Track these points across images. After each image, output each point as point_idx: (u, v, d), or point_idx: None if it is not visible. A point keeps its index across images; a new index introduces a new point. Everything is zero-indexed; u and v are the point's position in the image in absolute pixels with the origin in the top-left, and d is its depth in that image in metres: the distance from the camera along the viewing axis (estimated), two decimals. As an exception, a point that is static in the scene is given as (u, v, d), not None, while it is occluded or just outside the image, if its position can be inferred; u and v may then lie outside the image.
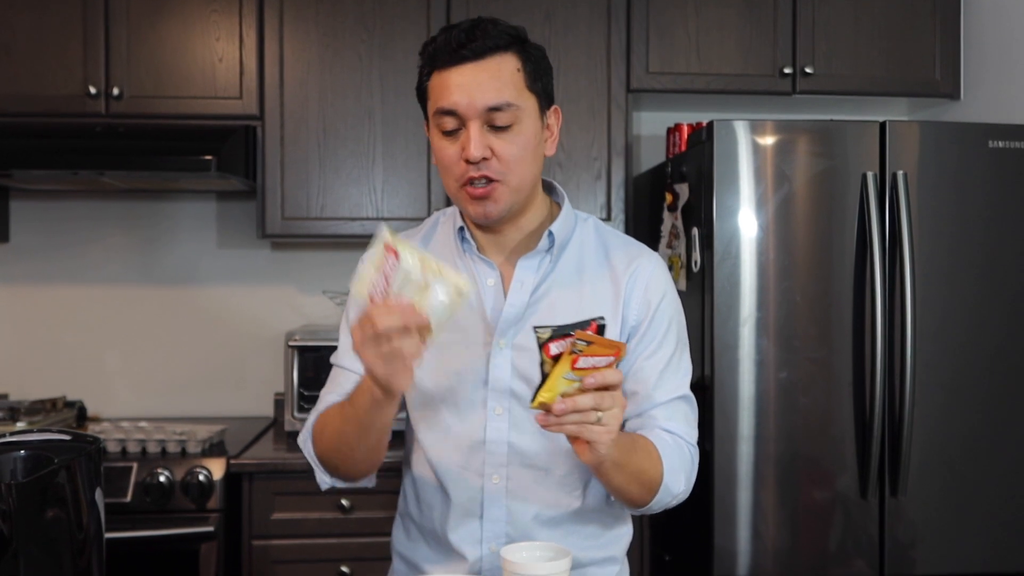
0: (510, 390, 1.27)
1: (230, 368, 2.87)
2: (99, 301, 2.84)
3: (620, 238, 1.39)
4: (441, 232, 1.38)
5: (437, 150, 1.26)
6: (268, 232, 2.55)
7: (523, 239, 1.32)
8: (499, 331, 1.27)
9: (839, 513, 2.09)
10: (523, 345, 1.27)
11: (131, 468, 2.18)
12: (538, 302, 1.29)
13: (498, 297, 1.30)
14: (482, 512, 1.29)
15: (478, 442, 1.28)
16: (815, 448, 2.09)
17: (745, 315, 2.08)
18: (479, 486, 1.28)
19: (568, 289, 1.31)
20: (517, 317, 1.28)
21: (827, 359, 2.09)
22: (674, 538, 2.36)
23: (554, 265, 1.31)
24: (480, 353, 1.28)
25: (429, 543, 1.36)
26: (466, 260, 1.32)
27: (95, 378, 2.82)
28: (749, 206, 2.09)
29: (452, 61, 1.21)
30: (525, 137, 1.23)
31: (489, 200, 1.23)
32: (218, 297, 2.88)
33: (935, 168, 2.11)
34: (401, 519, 1.43)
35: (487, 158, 1.21)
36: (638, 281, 1.32)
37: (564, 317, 1.27)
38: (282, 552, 2.27)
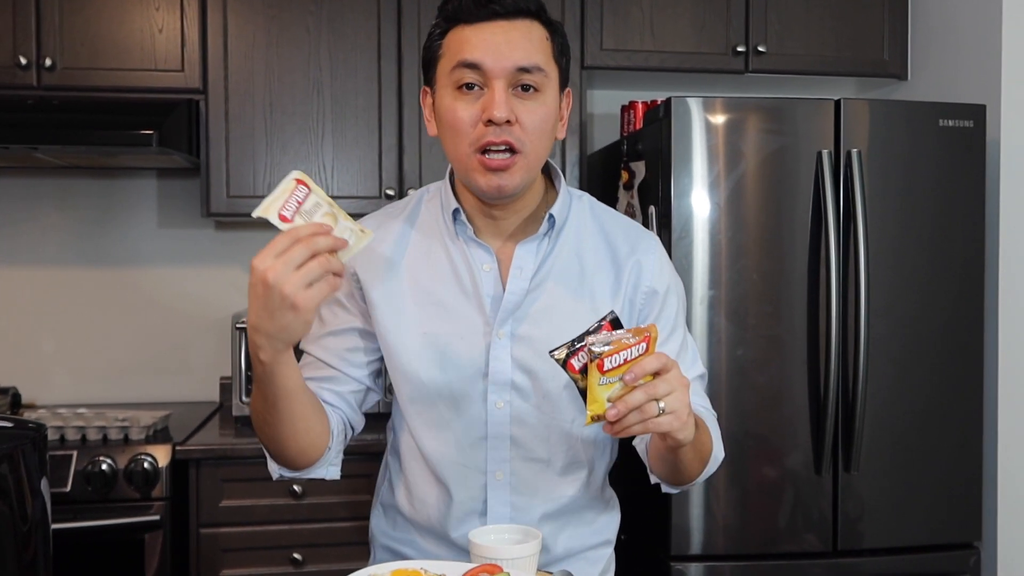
0: (511, 382, 1.22)
1: (174, 352, 2.78)
2: (34, 284, 2.72)
3: (617, 219, 1.33)
4: (427, 212, 1.28)
5: (448, 111, 1.15)
6: (213, 211, 2.47)
7: (520, 223, 1.25)
8: (498, 321, 1.21)
9: (793, 489, 2.11)
10: (523, 335, 1.22)
11: (71, 456, 2.09)
12: (537, 288, 1.24)
13: (496, 284, 1.23)
14: (485, 509, 1.25)
15: (479, 438, 1.23)
16: (769, 425, 2.10)
17: (700, 293, 2.08)
18: (482, 483, 1.24)
19: (568, 273, 1.25)
20: (516, 305, 1.22)
21: (781, 336, 2.10)
22: (630, 518, 2.35)
23: (552, 248, 1.25)
24: (478, 344, 1.22)
25: (426, 537, 1.31)
26: (459, 244, 1.24)
27: (30, 364, 2.70)
28: (705, 184, 2.08)
29: (481, 16, 1.14)
30: (548, 108, 1.17)
31: (505, 173, 1.15)
32: (160, 278, 2.78)
33: (887, 146, 2.13)
34: (384, 509, 1.37)
35: (511, 122, 1.13)
36: (644, 269, 1.27)
37: (564, 303, 1.24)
38: (231, 540, 2.21)
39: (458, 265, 1.24)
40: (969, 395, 2.17)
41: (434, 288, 1.24)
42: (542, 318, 1.23)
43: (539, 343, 1.21)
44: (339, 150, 2.50)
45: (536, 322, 1.22)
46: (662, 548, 2.11)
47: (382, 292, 1.25)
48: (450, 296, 1.24)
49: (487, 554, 1.10)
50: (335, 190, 2.50)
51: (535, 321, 1.22)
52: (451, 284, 1.24)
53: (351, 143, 2.51)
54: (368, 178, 2.51)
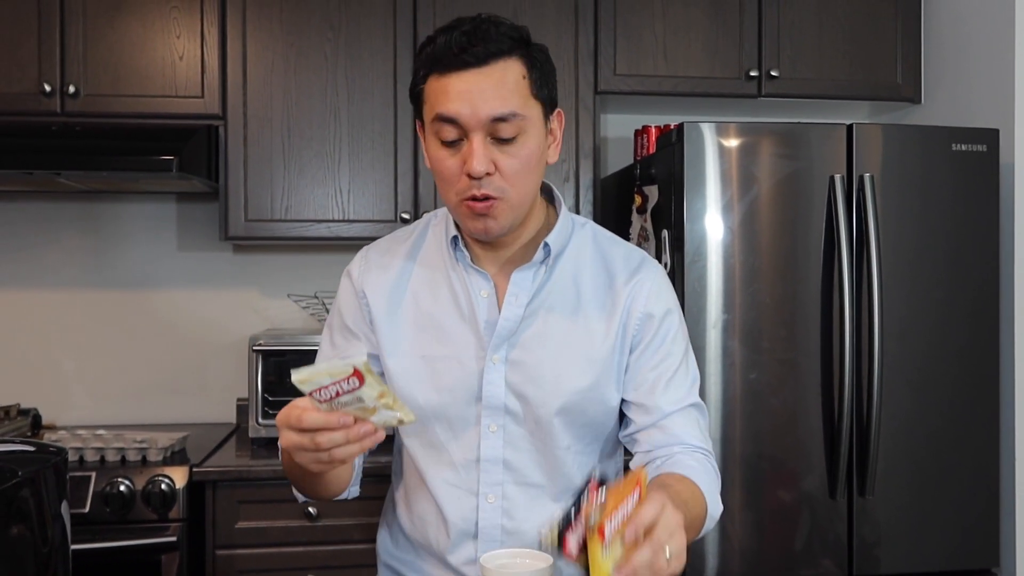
0: (504, 407, 1.24)
1: (191, 373, 2.81)
2: (55, 305, 2.76)
3: (620, 246, 1.33)
4: (432, 237, 1.32)
5: (435, 160, 1.18)
6: (231, 234, 2.50)
7: (519, 249, 1.27)
8: (492, 346, 1.23)
9: (807, 513, 2.10)
10: (517, 360, 1.24)
11: (90, 477, 2.12)
12: (532, 315, 1.25)
13: (492, 310, 1.25)
14: (476, 532, 1.25)
15: (472, 460, 1.25)
16: (783, 449, 2.10)
17: (714, 317, 2.09)
18: (473, 505, 1.25)
19: (564, 300, 1.26)
20: (511, 331, 1.24)
21: (795, 360, 2.10)
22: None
23: (549, 275, 1.26)
24: (473, 369, 1.24)
25: (423, 557, 1.32)
26: (458, 270, 1.27)
27: (50, 385, 2.74)
28: (718, 208, 2.09)
29: (453, 66, 1.12)
30: (529, 149, 1.16)
31: (489, 217, 1.17)
32: (179, 301, 2.81)
33: (900, 171, 2.14)
34: (388, 527, 1.39)
35: (490, 173, 1.14)
36: (639, 295, 1.27)
37: (558, 330, 1.25)
38: (247, 561, 2.22)
39: (457, 290, 1.27)
40: (985, 418, 2.16)
41: (434, 312, 1.27)
42: (535, 344, 1.24)
43: (532, 368, 1.24)
44: (355, 174, 2.53)
45: (529, 348, 1.24)
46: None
47: (385, 315, 1.28)
48: (449, 320, 1.26)
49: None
50: (351, 214, 2.52)
51: (528, 347, 1.24)
52: (450, 308, 1.27)
53: (367, 167, 2.54)
54: (384, 202, 2.54)
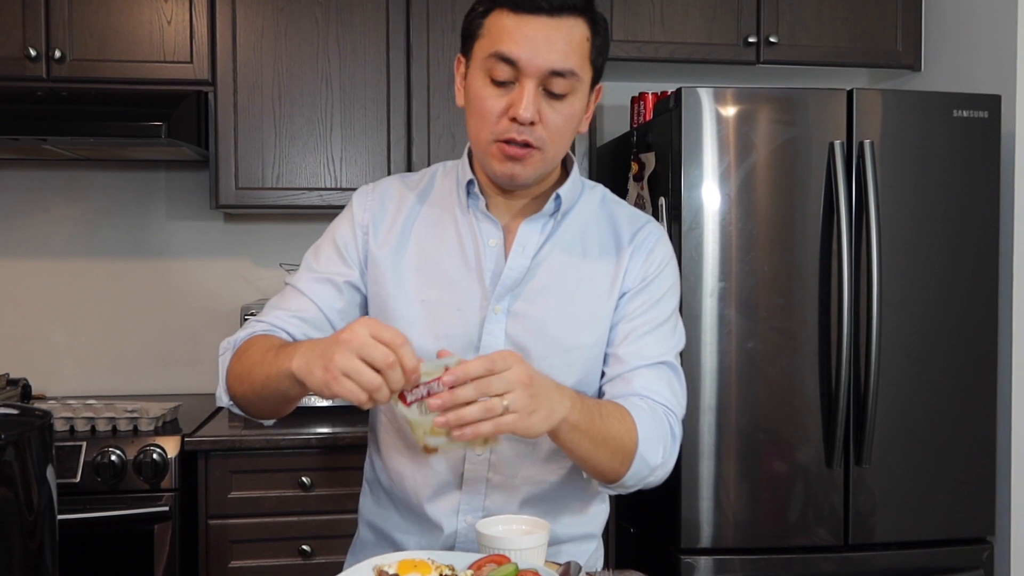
0: None
1: (183, 344, 2.78)
2: (44, 275, 2.73)
3: (627, 209, 1.33)
4: (442, 185, 1.30)
5: (478, 97, 1.16)
6: (222, 203, 2.46)
7: (531, 202, 1.27)
8: (496, 295, 1.22)
9: (804, 483, 2.09)
10: (519, 312, 1.22)
11: (80, 447, 2.09)
12: (538, 267, 1.24)
13: (498, 260, 1.24)
14: (461, 484, 1.24)
15: None
16: (780, 418, 2.09)
17: (711, 285, 2.07)
18: (461, 456, 1.24)
19: (569, 255, 1.26)
20: (516, 282, 1.23)
21: (793, 329, 2.09)
22: (639, 511, 2.35)
23: (556, 229, 1.26)
24: (473, 318, 1.22)
25: (401, 512, 1.31)
26: (469, 217, 1.26)
27: (40, 355, 2.71)
28: (715, 175, 2.06)
29: (526, 8, 1.11)
30: (573, 109, 1.17)
31: (520, 163, 1.16)
32: (169, 271, 2.78)
33: (900, 137, 2.11)
34: (369, 486, 1.38)
35: (534, 123, 1.14)
36: (640, 250, 1.27)
37: (561, 284, 1.24)
38: (240, 531, 2.21)
39: (464, 237, 1.25)
40: (982, 388, 2.15)
41: (438, 258, 1.25)
42: (538, 297, 1.23)
43: (533, 321, 1.22)
44: (348, 142, 2.49)
45: (532, 300, 1.23)
46: (671, 541, 2.10)
47: (388, 254, 1.26)
48: (452, 267, 1.24)
49: (495, 545, 1.09)
50: (343, 182, 2.49)
51: (531, 299, 1.23)
52: (455, 255, 1.25)
53: (359, 135, 2.50)
54: (376, 170, 2.50)
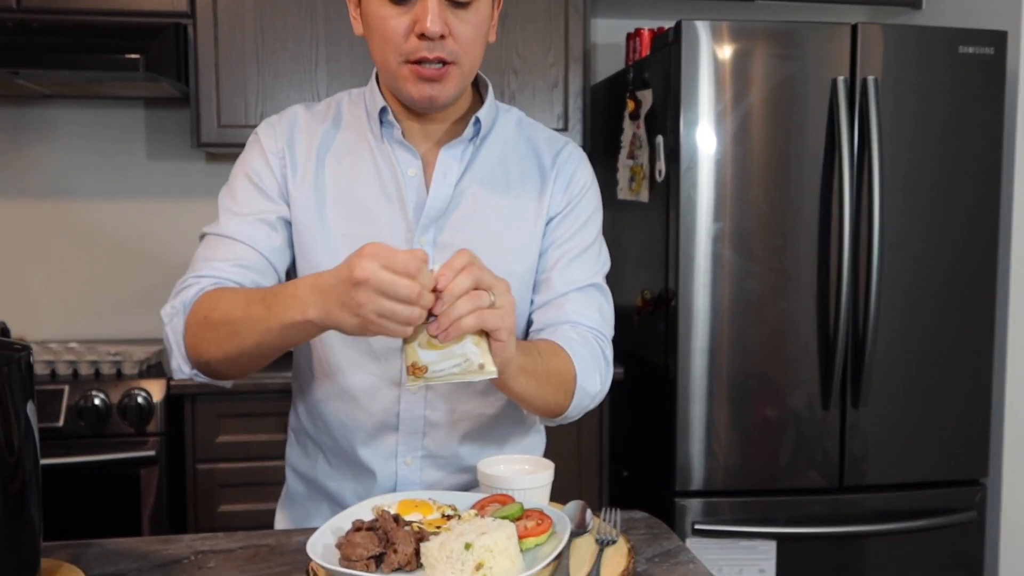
0: None
1: (166, 288, 2.68)
2: (20, 217, 2.64)
3: (543, 131, 1.28)
4: (350, 115, 1.22)
5: (378, 19, 1.09)
6: (203, 141, 2.38)
7: (447, 128, 1.21)
8: (420, 227, 1.16)
9: (799, 425, 2.08)
10: (446, 243, 1.16)
11: (62, 391, 2.04)
12: (461, 194, 1.19)
13: (420, 190, 1.17)
14: (398, 423, 1.19)
15: (393, 349, 1.16)
16: (776, 360, 2.07)
17: (710, 226, 2.02)
18: (395, 396, 1.18)
19: (492, 181, 1.20)
20: (440, 211, 1.17)
21: (790, 270, 2.05)
22: (632, 454, 2.33)
23: (476, 155, 1.20)
24: None
25: (332, 460, 1.24)
26: (384, 147, 1.18)
27: (18, 299, 2.64)
28: (715, 112, 2.00)
29: None
30: (481, 16, 1.11)
31: (438, 84, 1.10)
32: (150, 212, 2.70)
33: (904, 74, 2.06)
34: (295, 435, 1.31)
35: (444, 36, 1.08)
36: (563, 172, 1.23)
37: (488, 211, 1.19)
38: (228, 476, 2.18)
39: (382, 168, 1.18)
40: (979, 331, 2.14)
41: (356, 191, 1.18)
42: (466, 225, 1.18)
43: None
44: (333, 78, 2.41)
45: (459, 230, 1.17)
46: (665, 484, 2.09)
47: (303, 189, 1.18)
48: (372, 200, 1.18)
49: (498, 485, 1.06)
50: (330, 119, 2.40)
51: (458, 228, 1.17)
52: (374, 188, 1.18)
53: (346, 71, 2.41)
54: (364, 107, 2.42)
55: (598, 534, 1.02)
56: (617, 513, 1.06)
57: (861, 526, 2.08)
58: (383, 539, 0.92)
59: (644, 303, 2.23)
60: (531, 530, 0.95)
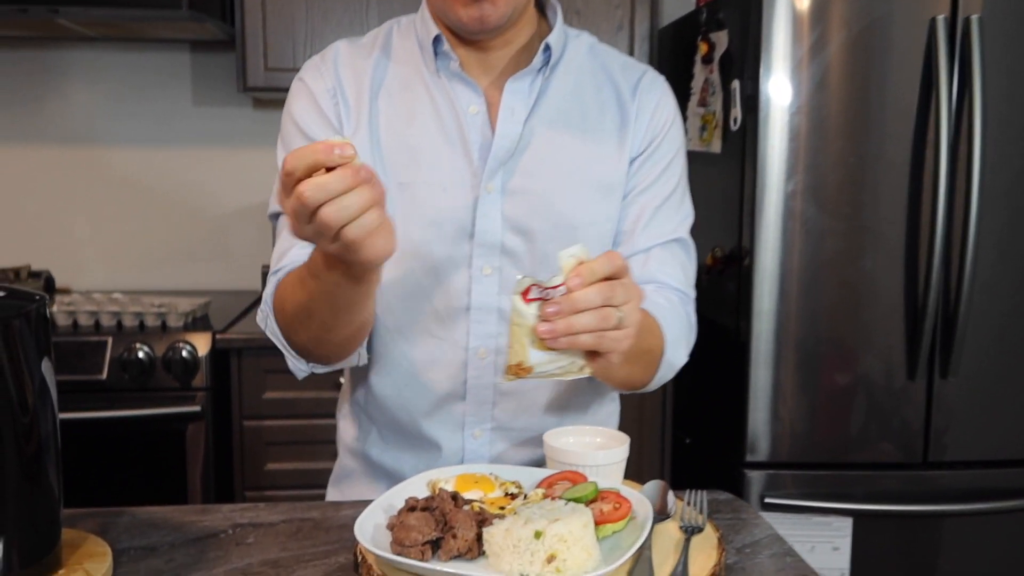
0: (500, 246, 1.04)
1: (212, 238, 2.64)
2: (63, 163, 2.57)
3: (619, 56, 1.14)
4: (400, 47, 1.08)
5: None
6: (249, 85, 2.27)
7: (512, 57, 1.07)
8: (487, 172, 1.03)
9: (881, 395, 1.92)
10: (517, 189, 1.04)
11: (106, 343, 1.98)
12: (533, 133, 1.05)
13: (484, 129, 1.04)
14: (465, 392, 1.07)
15: (460, 309, 1.05)
16: (859, 325, 1.91)
17: (791, 179, 1.86)
18: (462, 361, 1.06)
19: (566, 117, 1.06)
20: (508, 152, 1.03)
21: (878, 228, 1.89)
22: (696, 421, 2.21)
23: (548, 85, 1.06)
24: (463, 200, 1.03)
25: (389, 434, 1.13)
26: (441, 82, 1.05)
27: (63, 247, 2.58)
28: (797, 55, 1.83)
29: None
30: None
31: (487, 1, 0.97)
32: (196, 160, 2.61)
33: (1011, 11, 1.86)
34: (347, 407, 1.19)
35: None
36: (645, 104, 1.08)
37: (563, 150, 1.05)
38: (275, 433, 2.11)
39: (440, 107, 1.05)
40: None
41: (412, 133, 1.05)
42: (538, 168, 1.04)
43: (535, 198, 1.04)
44: (386, 18, 2.26)
45: (531, 174, 1.04)
46: (733, 454, 1.96)
47: (358, 133, 1.05)
48: (431, 142, 1.04)
49: (568, 460, 0.94)
50: (381, 63, 2.28)
51: (530, 172, 1.04)
52: (432, 129, 1.05)
53: (399, 10, 2.27)
54: (417, 50, 2.29)
55: (682, 520, 0.90)
56: (703, 496, 0.94)
57: (945, 505, 1.93)
58: (440, 521, 0.81)
59: (714, 261, 2.08)
60: (608, 515, 0.83)
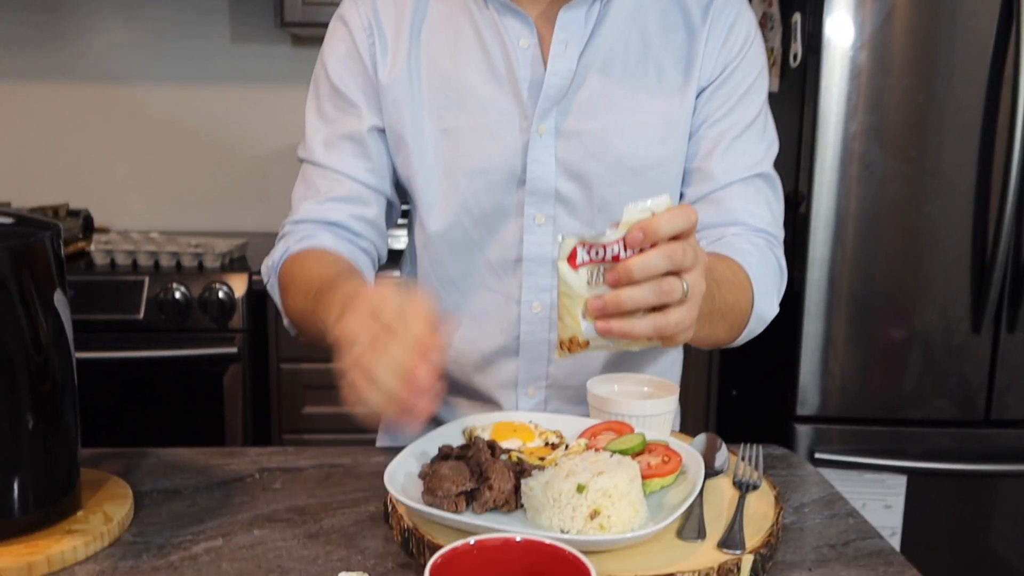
0: (555, 192, 0.96)
1: (251, 178, 2.60)
2: (101, 101, 2.54)
3: None
4: None
5: None
6: (287, 20, 2.20)
7: None
8: (539, 112, 0.95)
9: (942, 349, 1.83)
10: (572, 130, 0.95)
11: (143, 282, 1.96)
12: (588, 69, 0.95)
13: (535, 65, 0.96)
14: (518, 347, 1.01)
15: (512, 260, 0.99)
16: (921, 274, 1.81)
17: (854, 119, 1.75)
18: (515, 316, 1.00)
19: (626, 47, 0.96)
20: (562, 91, 0.95)
21: (946, 172, 1.77)
22: (743, 372, 2.13)
23: (604, 15, 0.96)
24: (513, 144, 0.96)
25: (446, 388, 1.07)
26: (488, 14, 0.97)
27: (102, 186, 2.56)
28: (867, -16, 1.71)
29: None
30: None
31: None
32: (234, 99, 2.56)
33: (1105, -64, 1.71)
34: None
35: None
36: (717, 25, 0.97)
37: (623, 85, 0.95)
38: (314, 377, 2.08)
39: (488, 42, 0.96)
40: None
41: (456, 72, 0.97)
42: (595, 107, 0.96)
43: (592, 139, 0.95)
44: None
45: (586, 113, 0.96)
46: (783, 407, 1.89)
47: (395, 73, 0.98)
48: (477, 81, 0.96)
49: (614, 409, 0.88)
50: None
51: (585, 111, 0.95)
52: (478, 66, 0.97)
53: (441, -59, 2.17)
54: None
55: (736, 476, 0.83)
56: (759, 450, 0.87)
57: (1005, 465, 1.84)
58: (476, 471, 0.75)
59: (767, 206, 1.99)
60: (656, 469, 0.77)
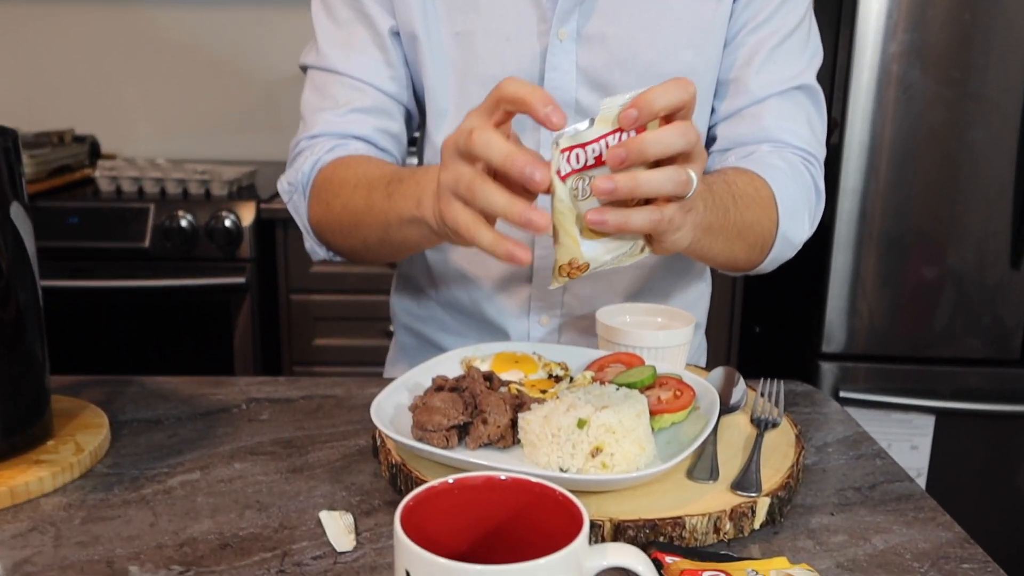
0: (575, 103, 0.89)
1: (262, 105, 2.52)
2: (107, 23, 2.45)
3: None
4: None
5: None
6: (296, -66, 2.10)
7: None
8: (558, 15, 0.87)
9: (979, 284, 1.74)
10: (594, 35, 0.87)
11: (148, 210, 1.90)
12: None
13: None
14: (531, 274, 0.95)
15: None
16: (960, 204, 1.72)
17: (894, 39, 1.64)
18: (528, 237, 0.92)
19: None
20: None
21: (992, 97, 1.66)
22: (767, 308, 2.06)
23: None
24: (530, 49, 0.88)
25: (449, 313, 1.02)
26: None
27: (110, 112, 2.50)
28: None
29: None
30: None
31: None
32: (245, 23, 2.47)
33: None
34: (403, 280, 1.07)
35: None
36: None
37: None
38: (323, 308, 2.03)
39: None
40: None
41: None
42: (618, 10, 0.88)
43: (616, 46, 0.87)
44: None
45: (610, 16, 0.88)
46: (807, 344, 1.82)
47: None
48: None
49: (623, 340, 0.82)
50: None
51: (608, 14, 0.88)
52: None
53: None
54: None
55: (755, 413, 0.77)
56: (780, 386, 0.80)
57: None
58: (470, 404, 0.70)
59: (797, 134, 1.89)
60: (667, 404, 0.71)
